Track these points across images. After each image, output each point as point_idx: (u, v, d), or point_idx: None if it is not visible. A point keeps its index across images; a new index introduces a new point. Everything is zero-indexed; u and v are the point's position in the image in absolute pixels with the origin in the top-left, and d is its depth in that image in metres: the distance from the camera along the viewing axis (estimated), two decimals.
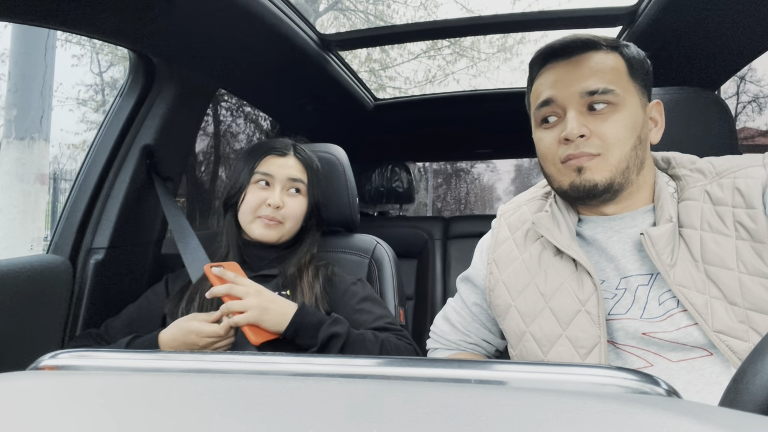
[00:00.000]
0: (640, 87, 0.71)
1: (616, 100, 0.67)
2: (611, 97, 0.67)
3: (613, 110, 0.68)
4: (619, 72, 0.69)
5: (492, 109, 1.97)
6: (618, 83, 0.68)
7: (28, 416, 0.25)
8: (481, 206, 17.66)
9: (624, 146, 0.67)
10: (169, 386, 0.29)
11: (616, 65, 0.69)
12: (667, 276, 0.64)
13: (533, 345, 0.72)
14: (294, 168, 1.00)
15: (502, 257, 0.81)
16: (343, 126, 2.06)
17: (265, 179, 0.98)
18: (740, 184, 0.64)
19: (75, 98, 7.65)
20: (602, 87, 0.67)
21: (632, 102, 0.69)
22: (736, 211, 0.63)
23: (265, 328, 0.79)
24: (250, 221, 0.97)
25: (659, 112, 0.74)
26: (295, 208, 0.99)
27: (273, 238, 0.97)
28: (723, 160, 0.70)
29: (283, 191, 0.98)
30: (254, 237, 0.97)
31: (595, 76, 0.68)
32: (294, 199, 0.99)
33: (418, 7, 8.17)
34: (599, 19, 1.29)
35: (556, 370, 0.33)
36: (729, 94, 8.37)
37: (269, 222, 0.96)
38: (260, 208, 0.96)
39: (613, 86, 0.67)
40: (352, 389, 0.28)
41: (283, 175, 0.98)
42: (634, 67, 0.70)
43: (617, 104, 0.67)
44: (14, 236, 2.68)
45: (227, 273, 0.81)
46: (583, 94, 0.68)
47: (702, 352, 0.63)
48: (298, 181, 1.00)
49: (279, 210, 0.96)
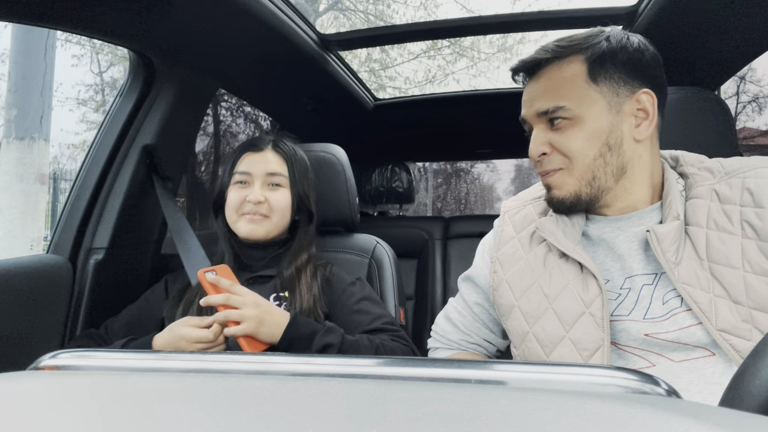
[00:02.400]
0: (609, 86, 0.67)
1: (570, 114, 0.68)
2: (563, 113, 0.68)
3: (570, 124, 0.68)
4: (574, 83, 0.68)
5: (492, 109, 1.97)
6: (571, 96, 0.67)
7: (28, 416, 0.25)
8: (481, 206, 17.66)
9: (586, 157, 0.68)
10: (168, 386, 0.29)
11: (572, 75, 0.68)
12: (672, 274, 0.63)
13: (536, 346, 0.72)
14: (272, 162, 0.99)
15: (506, 256, 0.81)
16: (343, 126, 2.06)
17: (243, 178, 0.98)
18: (750, 184, 0.64)
19: (75, 98, 7.65)
20: (552, 106, 0.68)
21: (593, 110, 0.67)
22: (744, 209, 0.63)
23: (259, 339, 0.79)
24: (235, 220, 0.97)
25: (650, 103, 0.68)
26: (278, 200, 0.98)
27: (261, 234, 0.96)
28: (732, 161, 0.70)
29: (264, 187, 0.97)
30: (242, 235, 0.97)
31: (545, 95, 0.69)
32: (275, 192, 0.98)
33: (418, 7, 8.17)
34: (599, 19, 1.29)
35: (557, 370, 0.33)
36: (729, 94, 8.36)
37: (253, 217, 0.95)
38: (242, 206, 0.96)
39: (563, 102, 0.68)
40: (352, 389, 0.28)
41: (261, 170, 0.98)
42: (605, 63, 0.67)
43: (572, 118, 0.68)
44: (14, 236, 2.68)
45: (222, 280, 0.80)
46: (539, 114, 0.70)
47: (704, 352, 0.63)
48: (277, 175, 0.99)
49: (261, 204, 0.96)
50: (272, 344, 0.80)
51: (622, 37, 0.69)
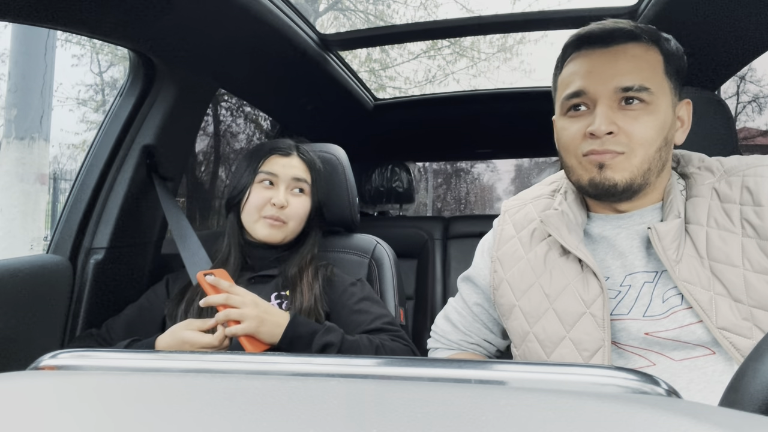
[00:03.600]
0: (674, 85, 0.68)
1: (650, 98, 0.65)
2: (645, 95, 0.65)
3: (645, 109, 0.65)
4: (656, 69, 0.66)
5: (492, 109, 1.97)
6: (653, 81, 0.65)
7: (28, 416, 0.25)
8: (481, 206, 17.67)
9: (650, 148, 0.65)
10: (169, 386, 0.29)
11: (654, 61, 0.67)
12: (673, 272, 0.63)
13: (536, 346, 0.72)
14: (298, 168, 1.00)
15: (506, 256, 0.80)
16: (343, 126, 2.06)
17: (269, 179, 0.98)
18: (749, 182, 0.64)
19: (75, 98, 7.65)
20: (638, 84, 0.64)
21: (664, 102, 0.66)
22: (743, 208, 0.63)
23: (260, 339, 0.79)
24: (254, 221, 0.97)
25: (687, 112, 0.71)
26: (299, 207, 0.98)
27: (277, 239, 0.97)
28: (732, 159, 0.70)
29: (288, 191, 0.98)
30: (258, 238, 0.97)
31: (632, 72, 0.65)
32: (298, 198, 0.99)
33: (418, 7, 8.18)
34: (599, 18, 1.28)
35: (557, 370, 0.33)
36: (729, 94, 8.37)
37: (274, 222, 0.95)
38: (264, 208, 0.96)
39: (648, 84, 0.65)
40: (352, 389, 0.28)
41: (288, 174, 0.98)
42: (671, 63, 0.68)
43: (650, 103, 0.65)
44: (14, 236, 2.68)
45: (221, 282, 0.80)
46: (617, 90, 0.65)
47: (705, 350, 0.63)
48: (302, 181, 1.00)
49: (283, 210, 0.96)
50: (273, 344, 0.80)
51: (679, 46, 0.70)
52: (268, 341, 0.79)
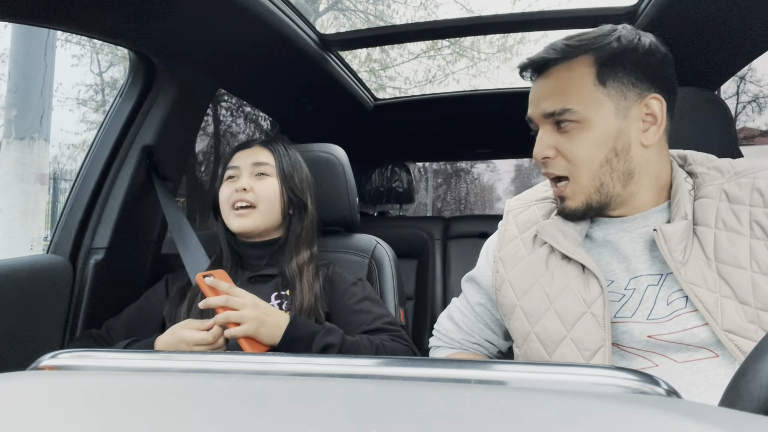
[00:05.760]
0: (617, 89, 0.65)
1: (577, 117, 0.66)
2: (570, 115, 0.66)
3: (577, 128, 0.66)
4: (582, 83, 0.66)
5: (492, 109, 1.97)
6: (579, 98, 0.65)
7: (28, 416, 0.25)
8: (481, 206, 17.66)
9: (592, 165, 0.66)
10: (169, 386, 0.29)
11: (579, 76, 0.66)
12: (678, 274, 0.63)
13: (538, 346, 0.72)
14: (259, 154, 1.01)
15: (508, 256, 0.80)
16: (343, 126, 2.06)
17: (232, 173, 0.99)
18: (760, 184, 0.64)
19: (75, 98, 7.65)
20: (559, 107, 0.66)
21: (601, 113, 0.65)
22: (753, 209, 0.63)
23: (260, 340, 0.79)
24: (227, 216, 0.98)
25: (659, 108, 0.67)
26: (265, 189, 0.98)
27: (250, 226, 0.96)
28: (742, 161, 0.70)
29: (250, 177, 0.98)
30: (234, 230, 0.98)
31: (552, 96, 0.67)
32: (261, 181, 0.98)
33: (418, 7, 8.17)
34: (599, 19, 1.29)
35: (557, 371, 0.33)
36: (729, 94, 8.35)
37: (242, 211, 0.96)
38: (231, 198, 0.97)
39: (570, 104, 0.65)
40: (352, 389, 0.28)
41: (247, 162, 0.99)
42: (614, 64, 0.65)
43: (580, 121, 0.66)
44: (14, 236, 2.68)
45: (221, 283, 0.80)
46: (546, 115, 0.69)
47: (708, 353, 0.62)
48: (263, 165, 0.99)
49: (246, 192, 0.96)
50: (272, 346, 0.80)
51: (634, 37, 0.67)
52: (267, 343, 0.79)
